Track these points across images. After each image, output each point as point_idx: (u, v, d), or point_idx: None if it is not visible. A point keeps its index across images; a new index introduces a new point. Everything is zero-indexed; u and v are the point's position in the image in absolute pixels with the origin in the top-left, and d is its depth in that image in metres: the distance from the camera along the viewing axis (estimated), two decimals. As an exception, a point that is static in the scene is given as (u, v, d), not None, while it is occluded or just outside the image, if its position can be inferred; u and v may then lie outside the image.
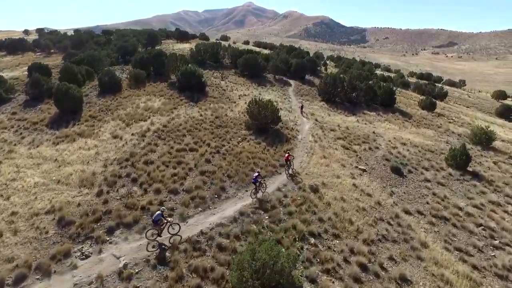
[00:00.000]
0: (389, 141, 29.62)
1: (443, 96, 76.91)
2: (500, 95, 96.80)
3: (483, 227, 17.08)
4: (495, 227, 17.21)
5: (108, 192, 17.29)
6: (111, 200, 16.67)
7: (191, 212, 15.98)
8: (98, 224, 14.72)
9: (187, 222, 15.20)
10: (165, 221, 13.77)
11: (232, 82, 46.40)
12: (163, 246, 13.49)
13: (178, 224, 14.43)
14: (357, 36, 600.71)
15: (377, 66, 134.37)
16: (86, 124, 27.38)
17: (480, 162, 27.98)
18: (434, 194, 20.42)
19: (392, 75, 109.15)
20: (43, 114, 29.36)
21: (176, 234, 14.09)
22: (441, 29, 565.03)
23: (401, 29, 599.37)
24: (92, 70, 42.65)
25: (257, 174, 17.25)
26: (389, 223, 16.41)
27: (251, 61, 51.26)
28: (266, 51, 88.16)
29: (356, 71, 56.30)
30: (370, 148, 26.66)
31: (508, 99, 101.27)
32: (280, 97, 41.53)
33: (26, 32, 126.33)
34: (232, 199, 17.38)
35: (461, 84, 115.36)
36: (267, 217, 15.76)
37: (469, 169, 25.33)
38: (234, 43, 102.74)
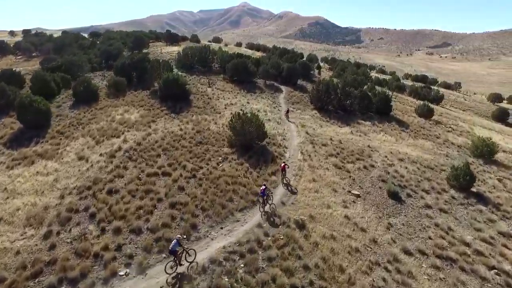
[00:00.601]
0: (386, 156, 27.28)
1: (439, 99, 75.13)
2: (496, 97, 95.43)
3: (496, 270, 14.74)
4: (510, 270, 14.88)
5: (58, 233, 14.71)
6: (60, 244, 14.09)
7: (153, 260, 13.44)
8: (36, 280, 12.13)
9: (145, 275, 12.67)
10: (183, 249, 13.05)
11: (219, 89, 43.87)
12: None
13: (194, 250, 13.56)
14: (352, 36, 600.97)
15: (372, 68, 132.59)
16: (51, 142, 24.70)
17: (484, 180, 25.75)
18: (436, 225, 18.05)
19: (388, 77, 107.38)
20: (4, 129, 26.63)
21: (193, 261, 13.27)
22: (435, 30, 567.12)
23: (395, 29, 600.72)
24: (69, 78, 39.93)
25: (264, 187, 17.22)
26: (386, 269, 14.00)
27: (240, 66, 48.78)
28: (258, 54, 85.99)
29: (350, 76, 54.11)
30: (365, 167, 24.27)
31: (504, 101, 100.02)
32: (269, 105, 39.07)
33: (12, 33, 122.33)
34: (204, 240, 14.86)
35: (456, 86, 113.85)
36: (242, 265, 13.27)
37: (473, 189, 23.09)
38: (226, 45, 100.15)
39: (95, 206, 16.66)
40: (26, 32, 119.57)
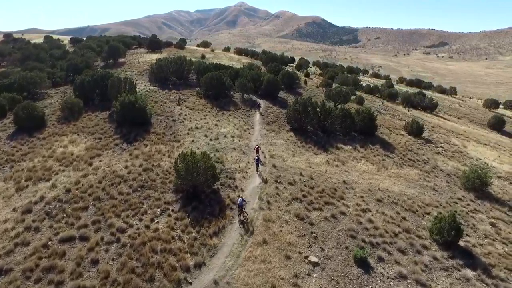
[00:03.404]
0: (361, 197, 23.63)
1: (433, 107, 71.75)
2: (492, 103, 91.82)
3: None
4: None
5: None
6: None
7: None
8: None
9: None
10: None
11: (189, 107, 40.15)
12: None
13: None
14: (349, 36, 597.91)
15: (366, 71, 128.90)
16: (-38, 190, 21.01)
17: (474, 226, 22.12)
18: (410, 309, 14.41)
19: (381, 82, 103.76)
20: None
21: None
22: (432, 29, 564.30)
23: (392, 29, 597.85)
24: (20, 98, 36.17)
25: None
26: None
27: (214, 80, 45.08)
28: (245, 60, 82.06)
29: (336, 89, 50.34)
30: (333, 216, 20.58)
31: (500, 106, 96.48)
32: (240, 127, 35.34)
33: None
34: None
35: (452, 91, 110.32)
36: None
37: (460, 242, 19.46)
38: (213, 50, 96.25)
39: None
40: (7, 36, 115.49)
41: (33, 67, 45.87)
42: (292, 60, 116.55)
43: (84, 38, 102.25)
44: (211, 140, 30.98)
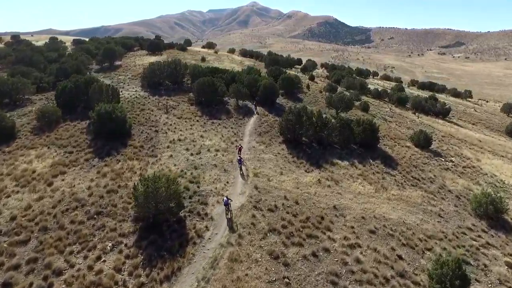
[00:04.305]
0: (352, 227, 20.49)
1: (445, 113, 67.43)
2: (511, 108, 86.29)
3: None
4: None
5: None
6: None
7: None
8: None
9: None
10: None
11: (177, 115, 37.61)
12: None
13: None
14: (362, 36, 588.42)
15: (376, 74, 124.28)
16: None
17: (486, 267, 18.72)
18: None
19: (391, 84, 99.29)
20: None
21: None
22: (448, 29, 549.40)
23: (406, 29, 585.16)
24: (-3, 106, 34.29)
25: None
26: None
27: (207, 86, 42.42)
28: (249, 62, 79.14)
29: (338, 95, 46.89)
30: (313, 254, 17.53)
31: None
32: (227, 140, 32.52)
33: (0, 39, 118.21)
34: None
35: (466, 94, 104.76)
36: None
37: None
38: (216, 52, 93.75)
39: None
40: (14, 38, 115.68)
41: (21, 71, 44.11)
42: (299, 61, 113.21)
43: (87, 39, 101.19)
44: (191, 154, 28.28)
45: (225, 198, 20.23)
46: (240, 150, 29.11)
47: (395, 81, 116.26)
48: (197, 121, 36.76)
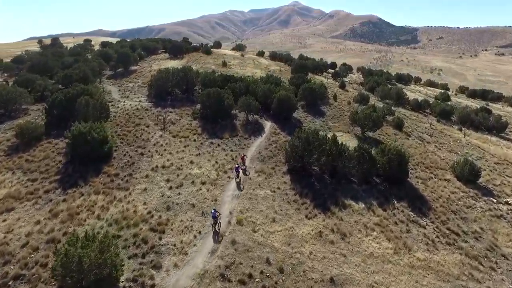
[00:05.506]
0: (350, 320, 14.66)
1: (500, 128, 57.23)
2: None
3: None
4: None
5: None
6: None
7: None
8: None
9: None
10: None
11: (173, 133, 33.48)
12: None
13: None
14: (408, 36, 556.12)
15: (418, 79, 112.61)
16: None
17: None
18: None
19: (436, 92, 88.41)
20: None
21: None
22: (509, 27, 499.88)
23: (458, 27, 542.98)
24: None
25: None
26: None
27: (212, 98, 37.96)
28: (276, 67, 73.57)
29: (364, 111, 39.82)
30: None
31: None
32: (221, 166, 27.59)
33: (40, 42, 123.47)
34: None
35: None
36: None
37: None
38: (243, 55, 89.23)
39: None
40: (53, 41, 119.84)
41: (25, 78, 42.62)
42: (332, 65, 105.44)
43: (114, 42, 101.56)
44: (170, 188, 23.76)
45: (212, 211, 19.56)
46: (243, 159, 27.92)
47: (441, 88, 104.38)
48: (194, 140, 32.29)
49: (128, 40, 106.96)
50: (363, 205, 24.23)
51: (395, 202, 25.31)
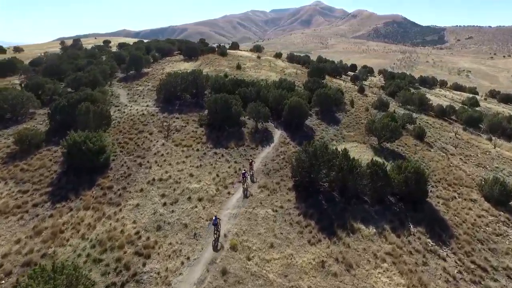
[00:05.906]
0: None
1: (535, 139, 52.56)
2: None
3: None
4: None
5: None
6: None
7: None
8: None
9: None
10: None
11: (176, 141, 32.08)
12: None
13: None
14: (434, 36, 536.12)
15: (444, 83, 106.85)
16: None
17: None
18: None
19: (462, 97, 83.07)
20: None
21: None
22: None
23: (490, 26, 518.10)
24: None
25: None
26: None
27: (219, 104, 36.33)
28: (292, 69, 71.15)
29: (381, 120, 36.90)
30: None
31: None
32: (222, 180, 25.81)
33: (62, 43, 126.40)
34: None
35: None
36: None
37: None
38: (259, 57, 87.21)
39: None
40: (76, 41, 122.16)
41: (36, 82, 42.51)
42: (353, 68, 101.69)
43: (131, 42, 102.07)
44: (164, 204, 22.19)
45: (214, 218, 19.44)
46: (251, 164, 27.35)
47: (468, 92, 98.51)
48: (197, 150, 30.71)
49: (145, 41, 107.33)
50: (374, 230, 21.75)
51: (411, 226, 22.66)
